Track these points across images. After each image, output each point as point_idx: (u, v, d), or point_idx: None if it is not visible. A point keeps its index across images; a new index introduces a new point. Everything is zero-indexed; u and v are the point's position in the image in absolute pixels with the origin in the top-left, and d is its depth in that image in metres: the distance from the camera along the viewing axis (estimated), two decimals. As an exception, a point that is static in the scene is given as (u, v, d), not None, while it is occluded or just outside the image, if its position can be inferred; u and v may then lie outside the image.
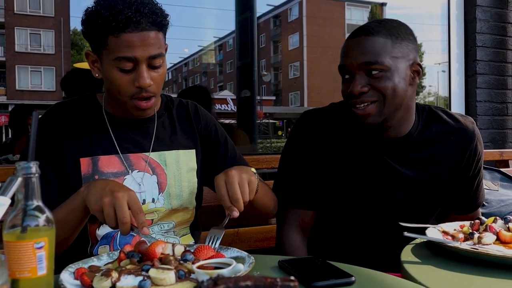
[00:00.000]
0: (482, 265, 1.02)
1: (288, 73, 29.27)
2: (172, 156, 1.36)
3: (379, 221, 1.43)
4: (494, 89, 3.12)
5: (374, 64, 1.28)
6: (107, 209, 1.00)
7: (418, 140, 1.41)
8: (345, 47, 1.35)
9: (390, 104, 1.31)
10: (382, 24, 1.33)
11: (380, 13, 23.85)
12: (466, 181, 1.49)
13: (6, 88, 23.73)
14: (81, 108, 1.34)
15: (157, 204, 1.30)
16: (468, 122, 1.47)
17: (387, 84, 1.28)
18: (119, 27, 1.15)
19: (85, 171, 1.25)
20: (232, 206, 1.10)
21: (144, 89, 1.20)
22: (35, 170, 0.78)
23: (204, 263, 0.93)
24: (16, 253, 0.75)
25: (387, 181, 1.40)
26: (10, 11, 22.37)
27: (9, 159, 3.32)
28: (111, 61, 1.18)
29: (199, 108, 1.48)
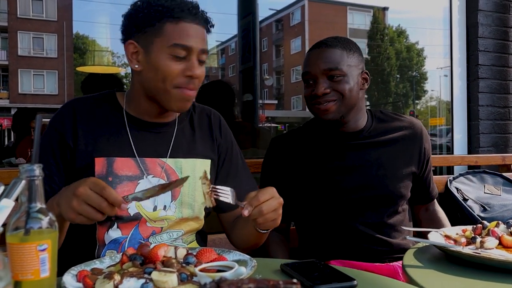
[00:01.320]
0: (484, 270, 1.02)
1: (290, 77, 29.28)
2: (189, 164, 1.34)
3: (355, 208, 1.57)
4: (496, 93, 3.12)
5: (334, 70, 1.53)
6: (81, 209, 0.98)
7: (373, 132, 1.64)
8: (308, 57, 1.59)
9: (347, 103, 1.54)
10: (337, 39, 1.59)
11: (382, 18, 23.86)
12: (422, 175, 1.71)
13: (9, 91, 23.79)
14: (100, 105, 1.33)
15: (168, 212, 1.29)
16: (414, 121, 1.71)
17: (345, 87, 1.53)
18: (179, 14, 1.21)
19: (99, 171, 1.24)
20: (251, 208, 1.09)
21: (192, 80, 1.23)
22: (39, 172, 0.78)
23: (207, 266, 0.94)
24: (19, 255, 0.75)
25: (351, 170, 1.58)
26: (13, 15, 22.43)
27: (11, 162, 3.33)
28: (165, 48, 1.20)
29: (222, 122, 1.49)
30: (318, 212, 1.62)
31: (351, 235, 1.57)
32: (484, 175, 2.32)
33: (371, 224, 1.57)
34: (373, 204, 1.58)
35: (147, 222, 1.26)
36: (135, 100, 1.32)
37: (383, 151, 1.61)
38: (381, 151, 1.61)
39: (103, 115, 1.31)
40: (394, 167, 1.61)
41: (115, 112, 1.32)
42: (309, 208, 1.64)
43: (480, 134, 3.07)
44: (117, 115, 1.32)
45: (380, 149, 1.62)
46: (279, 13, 28.53)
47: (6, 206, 0.74)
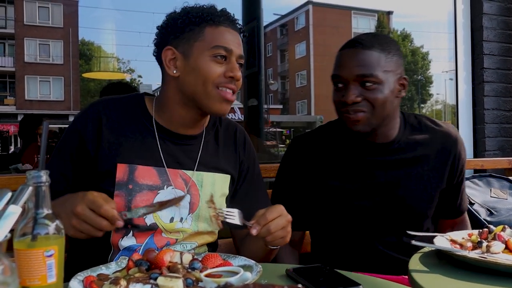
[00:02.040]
0: (490, 274, 1.02)
1: (295, 82, 29.32)
2: (209, 179, 1.33)
3: (375, 224, 1.46)
4: (501, 97, 3.11)
5: (368, 77, 1.36)
6: (81, 227, 1.00)
7: (404, 144, 1.48)
8: (340, 57, 1.42)
9: (379, 114, 1.39)
10: (375, 38, 1.41)
11: (387, 22, 23.89)
12: (452, 187, 1.54)
13: (16, 98, 23.96)
14: (128, 109, 1.32)
15: (184, 225, 1.28)
16: (451, 128, 1.54)
17: (378, 96, 1.37)
18: (219, 19, 1.26)
19: (120, 178, 1.23)
20: (259, 227, 1.10)
21: (233, 81, 1.25)
22: (46, 179, 0.79)
23: (212, 271, 0.94)
24: (26, 261, 0.76)
25: (377, 184, 1.45)
26: (20, 22, 22.65)
27: (18, 168, 3.35)
28: (206, 51, 1.23)
29: (247, 140, 1.48)
30: (335, 225, 1.51)
31: (369, 253, 1.47)
32: (490, 179, 2.31)
33: (391, 244, 1.46)
34: (394, 224, 1.45)
35: (163, 232, 1.26)
36: (167, 108, 1.30)
37: (412, 169, 1.46)
38: (410, 169, 1.46)
39: (131, 120, 1.30)
40: (422, 187, 1.47)
41: (143, 118, 1.31)
42: (325, 218, 1.53)
43: (486, 137, 3.06)
44: (144, 122, 1.31)
45: (409, 167, 1.46)
46: (283, 18, 28.68)
47: (13, 213, 0.75)
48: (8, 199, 0.77)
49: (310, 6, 27.26)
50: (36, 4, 22.45)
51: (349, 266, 1.32)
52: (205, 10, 1.27)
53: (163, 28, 1.30)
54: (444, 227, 1.61)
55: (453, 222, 1.62)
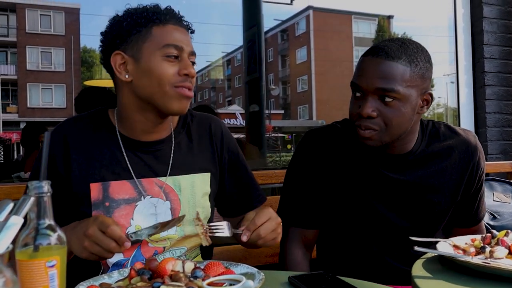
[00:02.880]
0: (494, 280, 1.01)
1: (297, 87, 29.34)
2: (187, 181, 1.31)
3: (386, 236, 1.43)
4: (503, 100, 3.11)
5: (389, 92, 1.25)
6: (93, 250, 1.01)
7: (421, 155, 1.41)
8: (361, 65, 1.31)
9: (392, 133, 1.30)
10: (403, 47, 1.29)
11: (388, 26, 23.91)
12: (469, 196, 1.48)
13: (18, 105, 24.01)
14: (92, 127, 1.29)
15: (170, 232, 1.26)
16: (470, 136, 1.46)
17: (395, 114, 1.27)
18: (165, 18, 1.23)
19: (95, 197, 1.21)
20: (249, 233, 1.11)
21: (188, 79, 1.22)
22: (47, 189, 0.79)
23: (214, 279, 0.94)
24: (28, 272, 0.76)
25: (392, 196, 1.40)
26: (22, 30, 22.74)
27: (20, 176, 3.35)
28: (156, 51, 1.20)
29: (225, 131, 1.43)
30: (342, 233, 1.47)
31: (376, 264, 1.43)
32: (493, 183, 2.30)
33: (399, 256, 1.42)
34: (404, 237, 1.35)
35: (149, 243, 1.26)
36: (126, 116, 1.27)
37: (429, 182, 1.40)
38: (427, 182, 1.40)
39: (96, 138, 1.27)
40: (436, 200, 1.41)
41: (108, 133, 1.28)
42: (333, 225, 1.49)
43: (488, 141, 3.06)
44: (110, 136, 1.28)
45: (426, 180, 1.40)
46: (284, 24, 28.74)
47: (15, 223, 0.75)
48: (9, 209, 0.77)
49: (311, 11, 27.32)
50: (38, 12, 22.55)
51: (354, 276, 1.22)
52: (150, 10, 1.24)
53: (108, 33, 1.26)
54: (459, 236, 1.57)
55: (469, 231, 1.52)
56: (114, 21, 1.26)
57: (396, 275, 1.41)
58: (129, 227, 1.23)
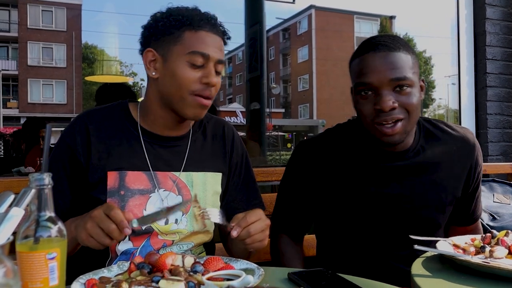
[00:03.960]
0: (493, 279, 1.01)
1: (297, 86, 29.34)
2: (200, 178, 1.34)
3: (387, 235, 1.42)
4: (504, 102, 3.11)
5: (403, 80, 1.26)
6: (92, 231, 1.01)
7: (419, 151, 1.41)
8: (366, 63, 1.30)
9: (413, 120, 1.31)
10: (396, 39, 1.32)
11: (389, 26, 23.91)
12: (468, 194, 1.49)
13: (18, 101, 24.04)
14: (113, 118, 1.32)
15: (180, 226, 1.29)
16: (468, 133, 1.48)
17: (413, 101, 1.29)
18: (199, 23, 1.24)
19: (111, 185, 1.24)
20: (240, 229, 1.11)
21: (208, 88, 1.23)
22: (48, 181, 0.79)
23: (214, 274, 0.94)
24: (28, 264, 0.76)
25: (393, 192, 1.40)
26: (23, 26, 22.76)
27: (21, 171, 3.35)
28: (183, 55, 1.22)
29: (236, 135, 1.48)
30: (343, 232, 1.46)
31: (377, 264, 1.41)
32: (493, 184, 2.30)
33: (400, 255, 1.40)
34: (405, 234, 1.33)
35: (159, 235, 1.27)
36: (150, 110, 1.31)
37: (427, 179, 1.40)
38: (426, 179, 1.40)
39: (116, 128, 1.31)
40: (437, 196, 1.41)
41: (129, 125, 1.32)
42: (333, 225, 1.48)
43: (488, 142, 3.06)
44: (130, 128, 1.32)
45: (424, 177, 1.40)
46: (286, 22, 28.74)
47: (15, 215, 0.75)
48: (10, 201, 0.77)
49: (313, 10, 27.30)
50: (40, 8, 22.58)
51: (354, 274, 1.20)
52: (186, 13, 1.25)
53: (146, 28, 1.30)
54: (457, 234, 1.56)
55: (466, 230, 1.54)
56: (153, 18, 1.28)
57: (397, 276, 1.40)
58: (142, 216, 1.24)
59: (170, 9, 1.29)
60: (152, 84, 1.30)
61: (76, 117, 1.33)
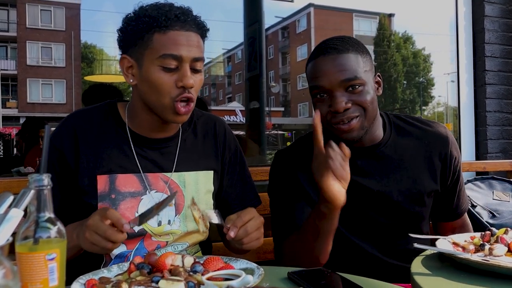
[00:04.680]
0: (493, 277, 1.01)
1: (297, 84, 29.31)
2: (192, 178, 1.33)
3: (374, 230, 1.43)
4: (503, 99, 3.11)
5: (353, 80, 1.30)
6: (92, 239, 1.01)
7: (391, 145, 1.43)
8: (316, 67, 1.34)
9: (370, 116, 1.34)
10: (345, 41, 1.36)
11: (388, 24, 23.89)
12: (448, 188, 1.50)
13: (18, 101, 23.99)
14: (102, 119, 1.30)
15: (173, 226, 1.28)
16: (440, 128, 1.50)
17: (367, 98, 1.32)
18: (167, 24, 1.17)
19: (101, 189, 1.23)
20: (237, 229, 1.10)
21: (187, 90, 1.19)
22: (47, 182, 0.79)
23: (214, 274, 0.94)
24: (28, 265, 0.76)
25: (369, 188, 1.41)
26: (22, 25, 22.71)
27: (20, 171, 3.35)
28: (155, 60, 1.18)
29: (228, 131, 1.46)
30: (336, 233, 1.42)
31: (368, 260, 1.43)
32: (493, 181, 2.31)
33: (389, 250, 1.42)
34: (390, 229, 1.42)
35: (152, 236, 1.27)
36: (136, 114, 1.30)
37: (403, 173, 1.42)
38: (402, 173, 1.42)
39: (105, 131, 1.29)
40: (416, 190, 1.43)
41: (117, 127, 1.30)
42: None
43: (488, 140, 3.06)
44: (119, 130, 1.30)
45: (400, 171, 1.42)
46: (285, 21, 28.69)
47: (15, 216, 0.75)
48: (10, 202, 0.77)
49: (312, 8, 27.26)
50: (39, 7, 22.52)
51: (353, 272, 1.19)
52: (154, 13, 1.19)
53: (118, 35, 1.25)
54: (444, 230, 1.59)
55: (453, 226, 1.58)
56: (123, 23, 1.24)
57: (390, 271, 1.41)
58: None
59: (140, 10, 1.23)
60: (134, 89, 1.28)
61: (64, 118, 1.31)
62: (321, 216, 1.22)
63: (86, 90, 3.08)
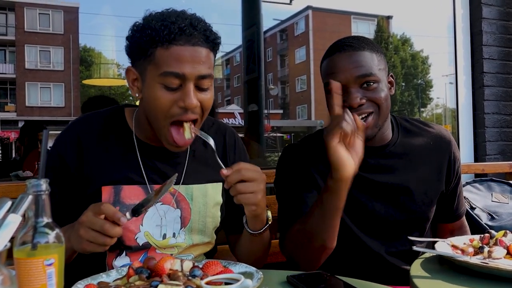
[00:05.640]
0: (492, 280, 1.01)
1: (295, 87, 29.33)
2: (200, 191, 1.29)
3: (379, 230, 1.43)
4: (502, 101, 3.11)
5: (369, 76, 1.33)
6: (88, 235, 0.98)
7: (399, 146, 1.46)
8: (332, 63, 1.36)
9: (384, 113, 1.36)
10: (360, 39, 1.39)
11: (386, 26, 23.93)
12: (449, 190, 1.52)
13: (16, 104, 23.97)
14: (108, 127, 1.25)
15: (178, 240, 1.25)
16: (443, 130, 1.53)
17: (381, 95, 1.34)
18: (170, 37, 1.08)
19: (105, 200, 1.19)
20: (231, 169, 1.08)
21: (189, 111, 1.12)
22: (45, 187, 0.79)
23: (213, 278, 0.93)
24: (26, 270, 0.75)
25: (378, 187, 1.41)
26: (20, 29, 22.71)
27: (19, 175, 3.34)
28: (156, 77, 1.10)
29: (238, 142, 1.42)
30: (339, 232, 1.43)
31: (372, 260, 1.43)
32: (491, 183, 2.31)
33: (394, 251, 1.43)
34: (397, 229, 1.42)
35: (157, 249, 1.24)
36: (143, 124, 1.24)
37: (410, 172, 1.44)
38: (409, 172, 1.44)
39: (111, 139, 1.24)
40: (422, 190, 1.44)
41: (124, 136, 1.25)
42: None
43: (486, 142, 3.06)
44: (126, 139, 1.24)
45: (407, 170, 1.44)
46: (283, 23, 28.71)
47: (13, 221, 0.75)
48: (8, 208, 0.76)
49: (310, 11, 27.30)
50: (37, 11, 22.51)
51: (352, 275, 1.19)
52: (158, 25, 1.10)
53: (126, 46, 1.19)
54: (443, 232, 1.60)
55: (452, 227, 1.60)
56: (130, 31, 1.17)
57: (393, 274, 1.41)
58: (138, 232, 1.22)
59: (145, 20, 1.15)
60: (140, 101, 1.22)
61: (70, 124, 1.27)
62: (328, 190, 1.21)
63: (86, 102, 3.03)
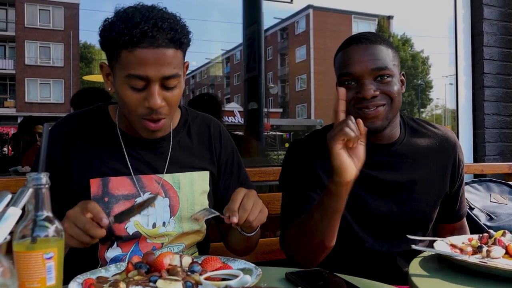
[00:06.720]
0: (490, 279, 1.02)
1: (295, 86, 29.35)
2: (186, 178, 1.31)
3: (382, 229, 1.43)
4: (502, 102, 3.11)
5: (384, 69, 1.33)
6: (71, 231, 0.99)
7: (406, 145, 1.45)
8: (348, 55, 1.37)
9: (395, 107, 1.37)
10: (376, 35, 1.41)
11: (387, 26, 23.94)
12: (453, 191, 1.53)
13: (16, 100, 23.95)
14: (92, 123, 1.29)
15: (168, 228, 1.27)
16: (448, 132, 1.54)
17: (394, 89, 1.35)
18: (133, 41, 1.09)
19: (94, 192, 1.22)
20: (236, 212, 1.09)
21: (155, 111, 1.15)
22: (45, 181, 0.79)
23: (212, 274, 0.94)
24: (25, 264, 0.76)
25: (384, 185, 1.41)
26: (20, 25, 22.69)
27: (18, 170, 3.34)
28: (123, 77, 1.13)
29: (223, 132, 1.44)
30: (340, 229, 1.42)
31: (373, 260, 1.42)
32: (490, 184, 2.31)
33: (398, 253, 1.42)
34: (400, 228, 1.41)
35: (147, 239, 1.26)
36: (124, 117, 1.27)
37: (415, 172, 1.44)
38: (413, 172, 1.44)
39: (96, 134, 1.27)
40: (425, 191, 1.44)
41: (108, 129, 1.28)
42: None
43: (486, 142, 3.06)
44: (110, 132, 1.28)
45: (412, 170, 1.44)
46: (284, 22, 28.72)
47: (13, 215, 0.75)
48: (7, 201, 0.77)
49: (311, 10, 27.31)
50: (37, 7, 22.49)
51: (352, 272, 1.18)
52: (122, 28, 1.10)
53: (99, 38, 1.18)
54: (443, 232, 1.60)
55: (453, 228, 1.61)
56: (101, 27, 1.17)
57: (393, 274, 1.41)
58: (128, 223, 1.23)
59: (111, 21, 1.15)
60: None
61: (55, 124, 1.29)
62: (329, 192, 1.22)
63: (75, 94, 3.01)
